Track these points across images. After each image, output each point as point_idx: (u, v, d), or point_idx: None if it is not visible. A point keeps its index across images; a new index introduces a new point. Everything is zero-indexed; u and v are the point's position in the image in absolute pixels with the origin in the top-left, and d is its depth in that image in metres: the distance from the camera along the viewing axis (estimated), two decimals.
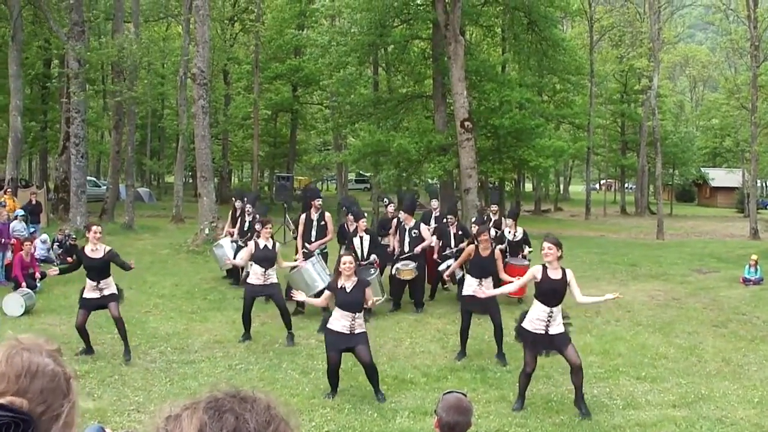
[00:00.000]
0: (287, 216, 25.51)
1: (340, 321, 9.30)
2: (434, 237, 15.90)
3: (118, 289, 11.23)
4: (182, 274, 19.47)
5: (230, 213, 18.97)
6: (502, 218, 17.07)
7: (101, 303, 11.01)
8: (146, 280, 18.05)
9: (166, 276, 19.02)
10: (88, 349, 11.11)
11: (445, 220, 16.31)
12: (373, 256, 14.77)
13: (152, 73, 43.11)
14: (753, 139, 38.20)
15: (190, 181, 57.93)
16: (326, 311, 10.29)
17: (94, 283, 10.91)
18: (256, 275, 12.27)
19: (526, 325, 9.09)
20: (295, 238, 16.17)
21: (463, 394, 4.52)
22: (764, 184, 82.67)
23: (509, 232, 16.29)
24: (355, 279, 9.41)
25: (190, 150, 35.28)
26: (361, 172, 62.71)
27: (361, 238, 14.63)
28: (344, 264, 9.37)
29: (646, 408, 9.23)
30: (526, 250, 16.38)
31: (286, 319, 12.26)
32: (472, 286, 11.32)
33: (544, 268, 9.11)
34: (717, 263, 23.54)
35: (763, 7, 42.52)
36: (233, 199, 19.93)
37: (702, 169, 77.52)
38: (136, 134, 39.74)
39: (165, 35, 49.69)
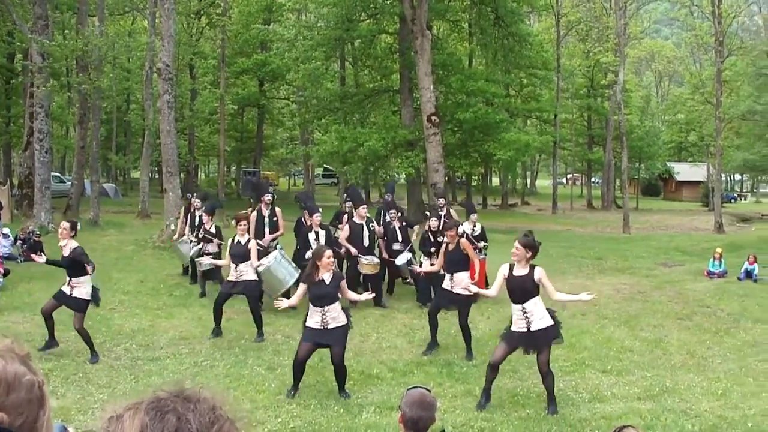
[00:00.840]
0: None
1: (312, 317, 9.21)
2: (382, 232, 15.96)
3: (94, 294, 10.87)
4: (148, 270, 19.32)
5: (182, 210, 18.89)
6: (450, 212, 16.97)
7: (68, 303, 10.74)
8: (111, 277, 17.88)
9: (131, 272, 18.87)
10: (51, 340, 10.91)
11: (388, 218, 16.27)
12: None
13: (117, 68, 42.83)
14: (717, 134, 38.56)
15: (156, 176, 57.58)
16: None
17: (67, 279, 10.73)
18: (230, 271, 12.31)
19: (513, 327, 8.97)
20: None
21: (427, 389, 4.51)
22: (729, 178, 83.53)
23: (468, 226, 16.27)
24: (330, 272, 9.28)
25: (156, 145, 35.02)
26: (327, 166, 62.62)
27: (317, 233, 14.55)
28: (328, 258, 9.23)
29: (612, 401, 9.26)
30: (481, 244, 16.33)
31: (256, 319, 12.22)
32: (446, 281, 11.44)
33: (511, 266, 8.98)
34: (682, 257, 23.75)
35: (726, 3, 42.82)
36: (187, 196, 19.81)
37: (667, 163, 78.22)
38: (101, 129, 39.48)
39: (130, 29, 49.32)
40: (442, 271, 11.70)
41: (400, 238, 15.75)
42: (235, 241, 12.35)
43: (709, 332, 13.24)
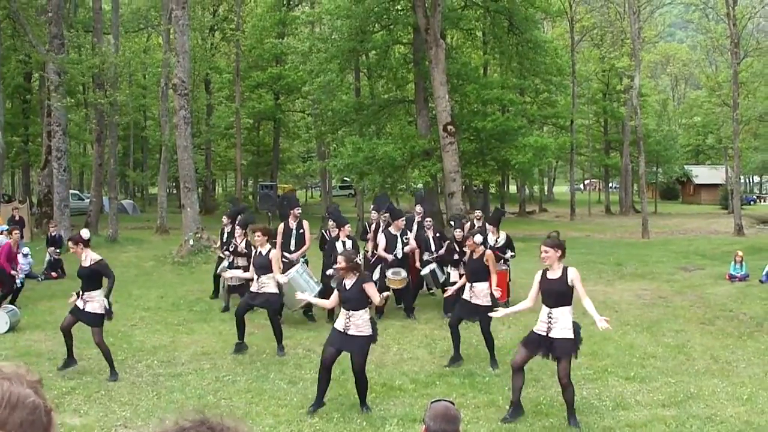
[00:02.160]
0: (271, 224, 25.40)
1: (340, 318, 9.29)
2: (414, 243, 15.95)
3: (108, 308, 10.86)
4: (168, 286, 19.37)
5: (220, 231, 18.66)
6: (486, 225, 16.96)
7: (83, 318, 10.75)
8: (131, 293, 17.94)
9: (151, 288, 18.92)
10: (69, 359, 10.90)
11: (423, 224, 16.33)
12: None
13: (134, 84, 43.03)
14: (735, 136, 38.35)
15: (174, 191, 57.77)
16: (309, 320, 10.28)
17: (81, 292, 10.74)
18: (253, 282, 12.27)
19: (535, 328, 8.91)
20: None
21: (450, 402, 4.48)
22: (747, 181, 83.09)
23: (491, 237, 16.24)
24: (354, 277, 9.28)
25: (173, 161, 35.16)
26: (345, 178, 62.67)
27: (344, 242, 14.62)
28: (338, 263, 9.36)
29: (636, 408, 9.20)
30: (509, 254, 16.29)
31: (276, 333, 12.19)
32: (466, 291, 11.45)
33: (544, 271, 8.89)
34: (702, 260, 23.60)
35: (741, 4, 42.70)
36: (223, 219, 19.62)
37: (685, 166, 77.82)
38: (118, 146, 39.70)
39: (145, 46, 49.56)
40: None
41: (432, 247, 15.78)
42: (257, 252, 12.31)
43: (732, 336, 13.15)
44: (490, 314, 10.46)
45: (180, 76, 24.94)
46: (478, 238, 11.59)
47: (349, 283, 9.23)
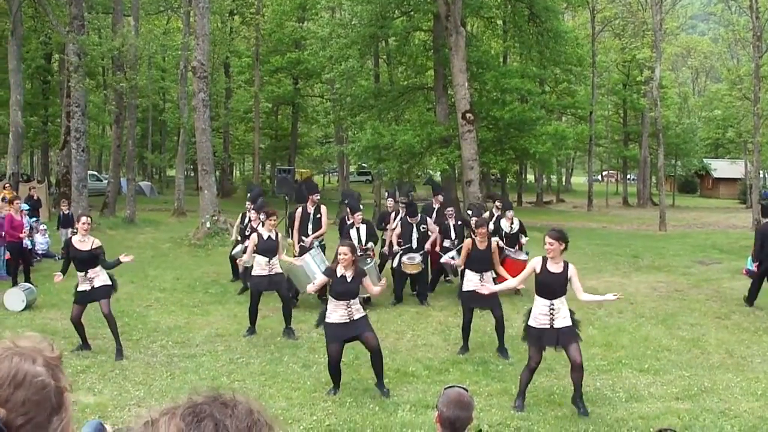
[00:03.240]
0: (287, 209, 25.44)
1: (336, 312, 9.20)
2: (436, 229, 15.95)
3: (111, 279, 11.06)
4: (183, 267, 19.46)
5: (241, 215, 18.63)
6: (505, 212, 16.93)
7: (93, 297, 10.86)
8: (147, 274, 18.03)
9: (167, 270, 19.02)
10: (84, 345, 11.03)
11: (444, 212, 16.33)
12: (370, 244, 14.86)
13: (153, 67, 43.09)
14: (756, 130, 38.10)
15: (192, 174, 57.95)
16: (323, 304, 10.22)
17: (82, 274, 10.83)
18: (260, 266, 12.20)
19: (531, 322, 8.90)
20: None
21: (464, 388, 4.48)
22: (766, 175, 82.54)
23: (506, 223, 16.28)
24: (353, 269, 9.27)
25: (191, 143, 35.23)
26: (362, 164, 62.64)
27: (358, 229, 14.73)
28: (342, 255, 9.24)
29: (649, 401, 9.18)
30: (523, 239, 16.40)
31: (286, 312, 12.25)
32: (472, 281, 11.21)
33: (544, 260, 8.86)
34: (719, 254, 23.49)
35: None
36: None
37: (704, 160, 77.40)
38: (137, 128, 39.80)
39: (165, 29, 49.60)
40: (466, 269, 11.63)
41: (453, 235, 15.78)
42: (265, 237, 12.26)
43: (748, 331, 13.08)
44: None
45: (199, 59, 24.98)
46: (490, 226, 11.63)
47: (349, 275, 9.25)
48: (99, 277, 10.86)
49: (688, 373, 10.35)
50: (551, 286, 8.75)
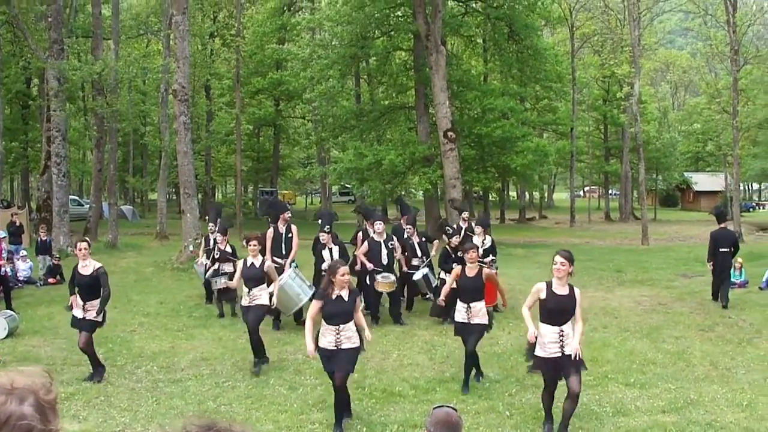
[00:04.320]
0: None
1: (325, 336, 8.77)
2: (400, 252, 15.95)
3: (103, 316, 10.89)
4: (167, 291, 19.37)
5: (204, 238, 18.73)
6: (472, 226, 16.93)
7: (82, 326, 10.70)
8: (131, 299, 17.94)
9: (150, 294, 18.92)
10: (99, 368, 10.84)
11: (406, 234, 16.33)
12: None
13: (133, 90, 43.01)
14: (735, 143, 38.38)
15: (174, 197, 57.79)
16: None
17: (82, 303, 10.67)
18: (245, 296, 11.65)
19: (539, 352, 8.43)
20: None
21: (452, 408, 4.47)
22: (747, 188, 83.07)
23: (477, 239, 16.27)
24: (348, 288, 8.83)
25: (172, 166, 35.16)
26: (345, 184, 62.78)
27: (330, 249, 14.69)
28: (342, 275, 8.72)
29: (636, 414, 9.18)
30: (489, 258, 16.34)
31: (253, 345, 11.48)
32: (460, 313, 10.50)
33: (549, 285, 8.40)
34: (702, 267, 23.47)
35: (741, 12, 42.75)
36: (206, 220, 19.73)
37: (685, 173, 77.90)
38: (118, 152, 39.68)
39: (145, 52, 49.58)
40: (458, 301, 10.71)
41: (419, 253, 15.79)
42: (248, 263, 11.67)
43: (732, 343, 13.13)
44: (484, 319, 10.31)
45: (180, 82, 24.94)
46: (479, 251, 11.02)
47: (346, 294, 8.78)
48: (92, 311, 10.71)
49: (674, 386, 10.37)
50: (560, 310, 8.33)
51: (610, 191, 74.85)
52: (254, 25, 47.87)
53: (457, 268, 10.91)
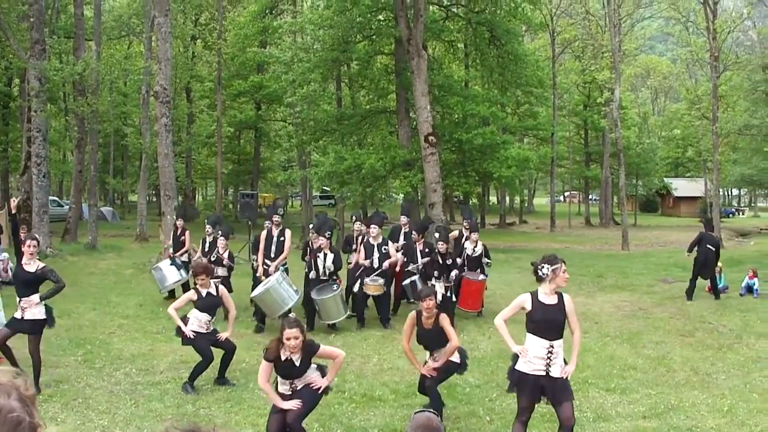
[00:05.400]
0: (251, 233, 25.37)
1: (282, 384, 7.94)
2: (401, 253, 15.95)
3: (48, 312, 10.36)
4: (147, 293, 19.27)
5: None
6: (471, 233, 16.97)
7: (22, 328, 10.19)
8: (110, 301, 17.85)
9: (130, 296, 18.83)
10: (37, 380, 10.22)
11: (403, 235, 16.42)
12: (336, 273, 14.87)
13: (115, 92, 42.84)
14: (715, 149, 38.56)
15: (154, 199, 57.65)
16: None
17: (18, 300, 10.17)
18: (199, 322, 10.93)
19: (521, 366, 7.61)
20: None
21: (433, 412, 4.45)
22: (726, 193, 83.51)
23: (469, 245, 16.31)
24: (301, 351, 7.68)
25: (153, 168, 35.08)
26: (325, 188, 62.69)
27: (325, 255, 14.66)
28: (288, 340, 7.49)
29: (617, 420, 9.18)
30: (485, 261, 16.48)
31: (226, 360, 11.04)
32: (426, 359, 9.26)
33: (534, 294, 7.64)
34: (682, 273, 23.67)
35: (721, 18, 43.00)
36: (177, 222, 19.61)
37: (665, 179, 78.32)
38: (98, 153, 39.50)
39: (127, 53, 49.44)
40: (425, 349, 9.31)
41: (418, 260, 15.79)
42: (204, 294, 10.89)
43: (712, 348, 13.18)
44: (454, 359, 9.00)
45: (162, 84, 24.84)
46: (440, 294, 9.25)
47: (297, 358, 7.69)
48: (31, 309, 10.14)
49: (655, 392, 10.39)
50: (548, 321, 7.53)
51: (590, 196, 75.16)
52: (236, 27, 47.80)
53: (411, 314, 9.08)
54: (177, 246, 18.58)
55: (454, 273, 15.57)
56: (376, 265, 15.28)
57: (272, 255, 15.19)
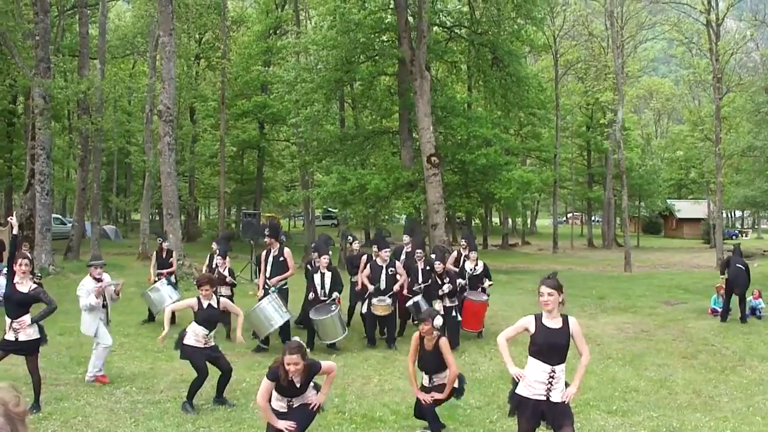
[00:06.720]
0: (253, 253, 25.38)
1: (278, 401, 7.91)
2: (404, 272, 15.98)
3: (41, 330, 10.28)
4: (148, 312, 19.21)
5: (154, 253, 18.85)
6: (470, 252, 16.95)
7: (18, 349, 10.12)
8: (111, 319, 17.78)
9: (131, 315, 18.79)
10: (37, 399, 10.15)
11: (414, 256, 16.38)
12: (335, 294, 14.80)
13: (119, 110, 42.97)
14: (718, 171, 38.57)
15: (157, 218, 57.65)
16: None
17: (9, 321, 10.02)
18: (196, 336, 10.75)
19: (521, 390, 7.41)
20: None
21: None
22: (729, 215, 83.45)
23: (470, 265, 16.30)
24: (302, 376, 7.73)
25: (156, 187, 35.09)
26: (328, 208, 62.72)
27: (323, 274, 14.65)
28: (289, 365, 7.51)
29: None
30: (486, 283, 16.43)
31: (223, 381, 10.94)
32: (424, 380, 9.28)
33: (538, 317, 7.41)
34: (685, 295, 23.64)
35: (724, 40, 43.08)
36: (158, 240, 19.65)
37: (668, 200, 78.29)
38: (102, 171, 39.60)
39: (131, 72, 49.63)
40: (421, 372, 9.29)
41: (420, 279, 15.76)
42: (205, 305, 10.78)
43: (715, 371, 13.12)
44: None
45: (165, 103, 24.93)
46: (438, 320, 9.37)
47: (298, 380, 7.72)
48: (25, 330, 10.05)
49: (657, 414, 10.34)
50: (551, 346, 7.31)
51: (593, 218, 75.09)
52: (240, 47, 47.96)
53: (415, 334, 9.10)
54: (163, 267, 18.66)
55: (460, 288, 15.64)
56: (383, 287, 15.34)
57: (268, 275, 15.12)
